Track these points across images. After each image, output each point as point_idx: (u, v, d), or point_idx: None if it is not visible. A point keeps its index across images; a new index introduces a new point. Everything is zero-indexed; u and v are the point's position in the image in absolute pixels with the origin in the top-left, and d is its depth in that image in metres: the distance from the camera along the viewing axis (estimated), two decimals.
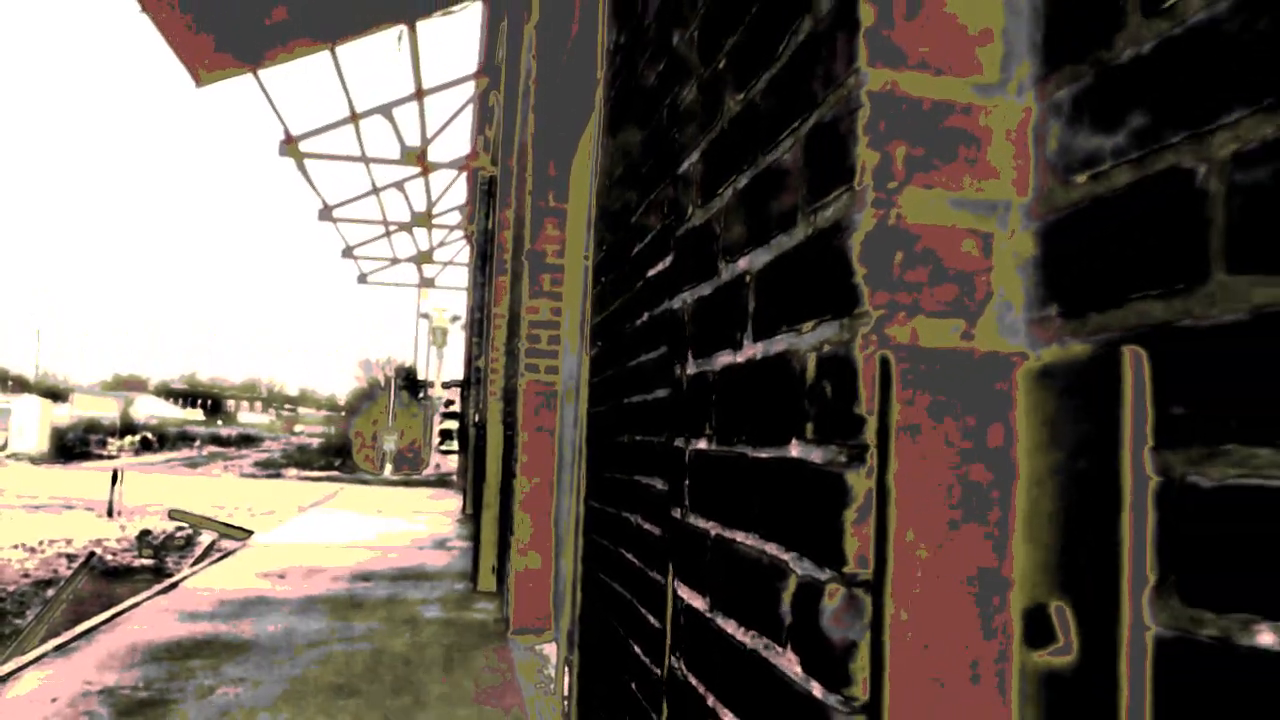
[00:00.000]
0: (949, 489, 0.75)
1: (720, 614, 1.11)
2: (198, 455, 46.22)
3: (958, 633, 0.74)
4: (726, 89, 1.20)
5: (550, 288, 6.67)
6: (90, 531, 16.83)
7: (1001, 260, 0.80)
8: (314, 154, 13.08)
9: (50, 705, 4.57)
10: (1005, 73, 0.81)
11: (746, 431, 1.04)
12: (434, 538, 12.16)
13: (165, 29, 9.25)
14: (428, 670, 5.47)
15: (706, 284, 1.24)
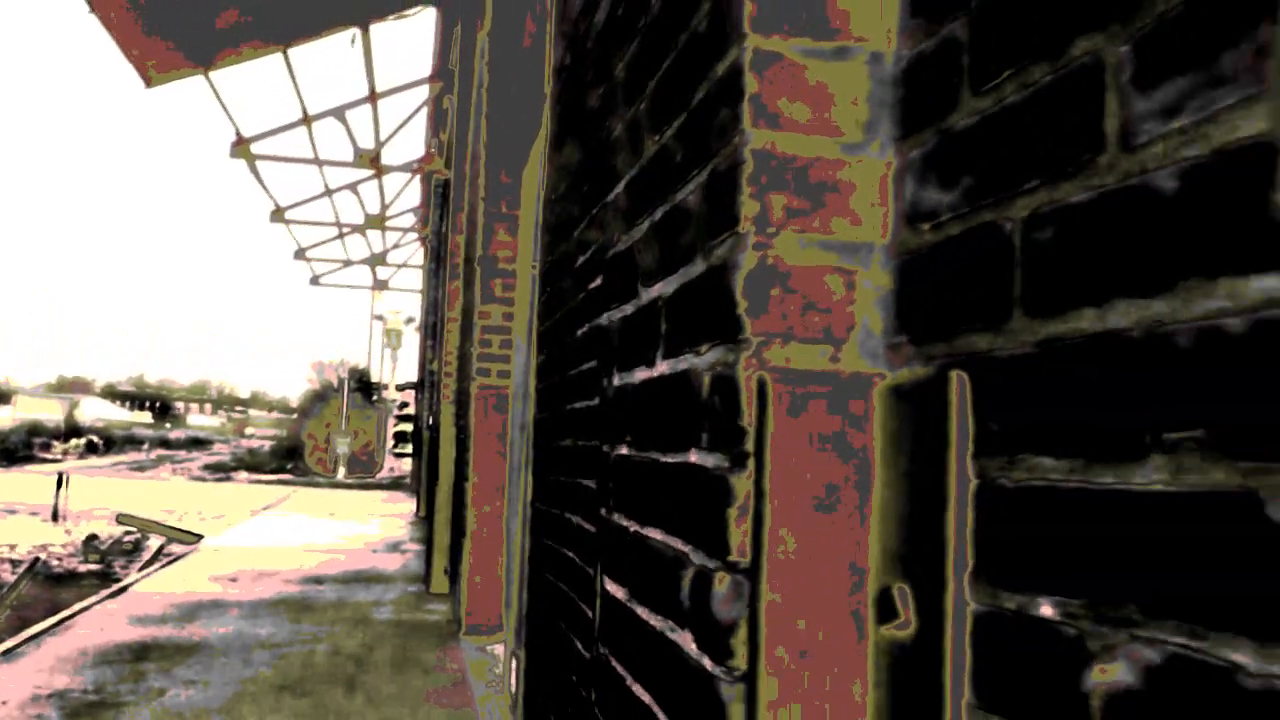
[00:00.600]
0: (815, 490, 0.88)
1: (636, 602, 1.24)
2: (145, 458, 45.47)
3: (821, 612, 0.88)
4: (646, 130, 1.33)
5: (502, 293, 6.77)
6: (34, 536, 16.54)
7: (864, 295, 0.93)
8: (266, 155, 13.04)
9: (0, 709, 4.59)
10: (869, 134, 0.95)
11: (658, 439, 1.17)
12: (387, 541, 12.18)
13: (114, 29, 9.20)
14: (380, 671, 5.55)
15: (629, 304, 1.37)
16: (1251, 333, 0.53)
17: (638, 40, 1.42)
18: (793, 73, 0.93)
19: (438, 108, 14.86)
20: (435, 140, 16.82)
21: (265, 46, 11.15)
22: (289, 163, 13.31)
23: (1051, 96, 0.73)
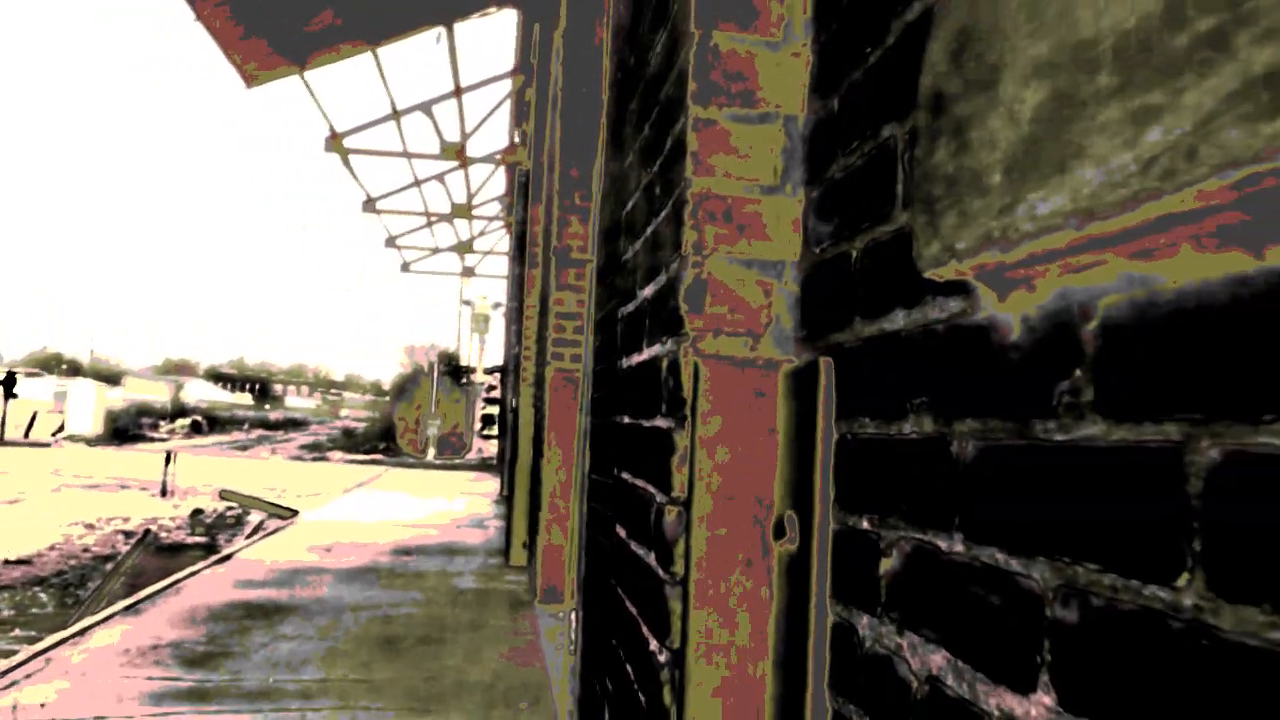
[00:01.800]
0: (735, 444, 1.20)
1: (631, 539, 1.58)
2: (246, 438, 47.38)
3: (738, 534, 1.20)
4: (643, 164, 1.66)
5: (574, 281, 7.14)
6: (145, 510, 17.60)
7: (778, 300, 1.25)
8: (357, 150, 13.68)
9: (124, 655, 5.16)
10: (784, 180, 1.26)
11: (641, 409, 1.50)
12: (472, 517, 12.74)
13: (219, 36, 9.83)
14: (461, 632, 6.00)
15: (631, 303, 1.71)
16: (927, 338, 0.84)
17: (642, 87, 1.75)
18: (724, 134, 1.25)
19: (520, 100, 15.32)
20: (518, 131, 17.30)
21: (356, 45, 11.73)
22: (379, 156, 13.91)
23: (873, 164, 1.04)
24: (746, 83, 1.25)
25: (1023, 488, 0.73)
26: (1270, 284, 0.49)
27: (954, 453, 0.83)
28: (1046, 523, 0.70)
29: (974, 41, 0.72)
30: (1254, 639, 0.49)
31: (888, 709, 0.94)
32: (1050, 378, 0.70)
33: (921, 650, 0.87)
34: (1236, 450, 0.51)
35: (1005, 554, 0.75)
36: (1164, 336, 0.58)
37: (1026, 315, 0.72)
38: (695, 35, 1.25)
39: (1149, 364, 0.59)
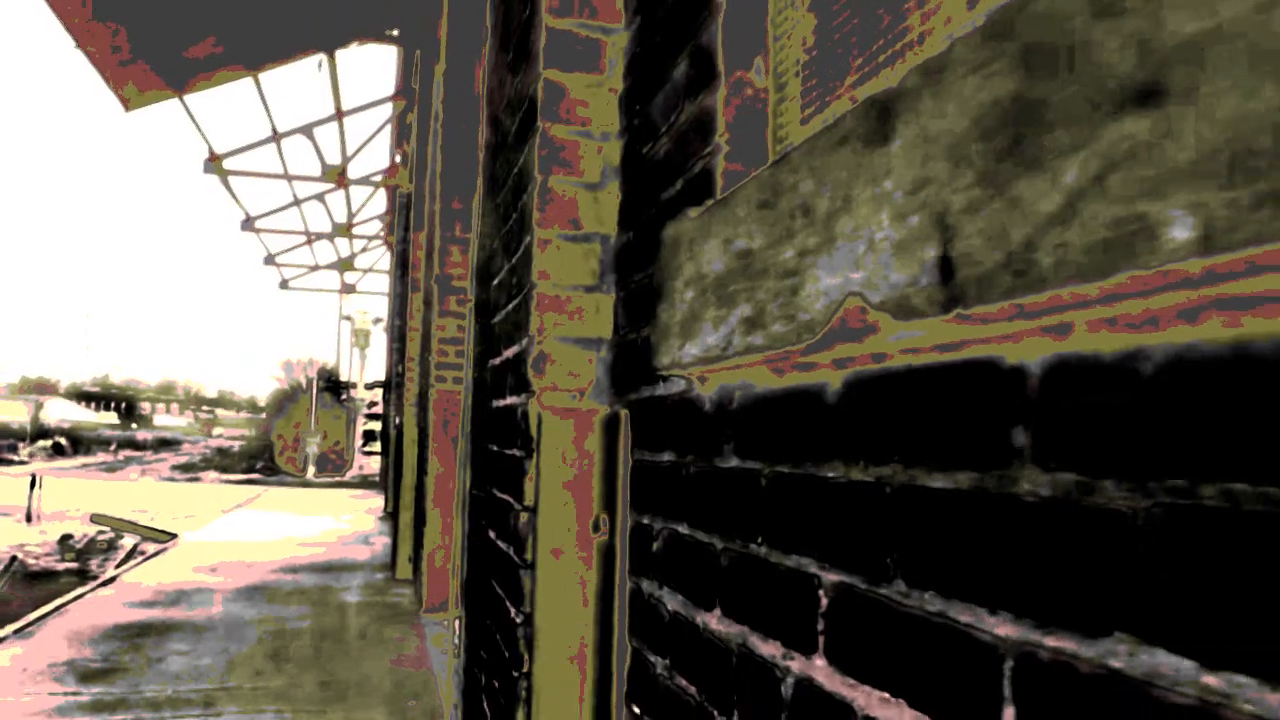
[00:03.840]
0: (567, 468, 1.73)
1: (499, 539, 2.10)
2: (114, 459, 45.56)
3: (570, 530, 1.73)
4: (505, 251, 2.19)
5: (456, 308, 7.59)
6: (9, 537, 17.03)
7: (597, 367, 1.79)
8: (237, 171, 13.76)
9: (23, 674, 5.37)
10: (602, 281, 1.81)
11: (503, 441, 2.02)
12: (357, 534, 12.95)
13: (98, 62, 9.91)
14: (352, 643, 6.37)
15: (498, 359, 2.23)
16: (670, 402, 1.39)
17: (506, 193, 2.28)
18: (558, 248, 1.79)
19: (401, 122, 15.61)
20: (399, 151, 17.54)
21: (236, 70, 11.88)
22: (259, 177, 14.02)
23: (644, 288, 1.60)
24: (573, 211, 1.80)
25: (711, 494, 1.28)
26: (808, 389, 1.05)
27: (683, 474, 1.39)
28: (720, 516, 1.25)
29: (670, 256, 1.27)
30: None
31: (655, 636, 1.49)
32: (720, 430, 1.26)
33: (670, 596, 1.42)
34: (788, 474, 1.07)
35: (704, 534, 1.30)
36: (756, 411, 1.14)
37: (708, 395, 1.28)
38: (538, 180, 1.79)
39: (751, 425, 1.15)
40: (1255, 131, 0.40)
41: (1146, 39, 0.45)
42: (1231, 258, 0.41)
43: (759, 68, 1.28)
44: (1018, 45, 0.53)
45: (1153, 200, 0.44)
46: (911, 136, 0.64)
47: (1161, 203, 0.43)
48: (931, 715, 0.76)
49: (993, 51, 0.55)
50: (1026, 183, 0.52)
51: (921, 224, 0.63)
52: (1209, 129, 0.41)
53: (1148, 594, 0.56)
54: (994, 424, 0.68)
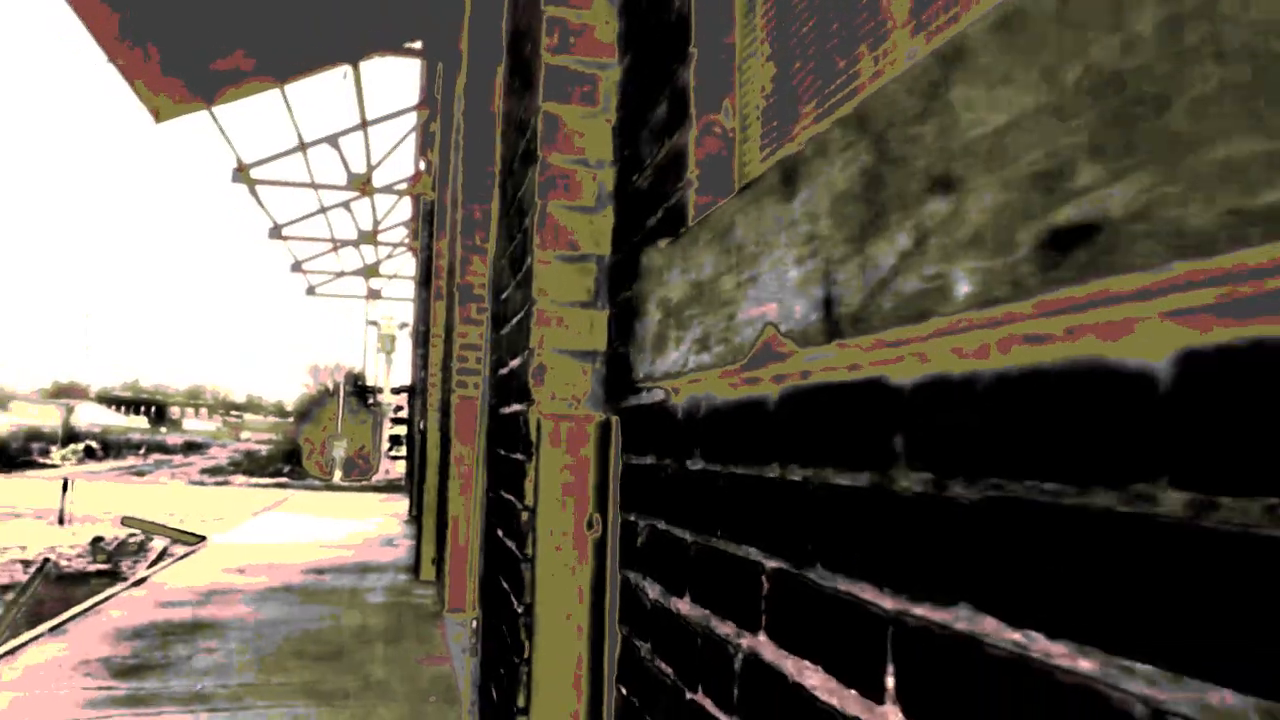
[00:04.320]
0: (563, 470, 1.88)
1: (505, 537, 2.25)
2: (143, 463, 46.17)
3: (566, 527, 1.88)
4: (512, 268, 2.34)
5: (476, 315, 7.77)
6: (43, 539, 17.39)
7: (592, 377, 1.94)
8: (265, 180, 14.04)
9: (58, 670, 5.58)
10: (596, 298, 1.96)
11: (508, 445, 2.17)
12: (382, 536, 13.16)
13: (129, 75, 10.19)
14: (375, 641, 6.55)
15: (505, 369, 2.39)
16: (651, 410, 1.53)
17: (512, 213, 2.44)
18: (556, 268, 1.94)
19: (425, 130, 15.87)
20: (424, 159, 17.79)
21: (264, 82, 12.15)
22: (286, 186, 14.29)
23: (628, 305, 1.75)
24: (570, 235, 1.95)
25: (683, 493, 1.43)
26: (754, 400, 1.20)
27: (662, 475, 1.53)
28: (690, 512, 1.40)
29: (644, 280, 1.42)
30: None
31: (640, 622, 1.63)
32: (690, 436, 1.41)
33: (651, 586, 1.57)
34: (739, 474, 1.22)
35: (678, 529, 1.45)
36: (716, 419, 1.28)
37: (680, 405, 1.43)
38: (538, 204, 1.94)
39: (713, 432, 1.30)
40: (1011, 217, 0.55)
41: (946, 140, 0.59)
42: (993, 312, 0.55)
43: (727, 110, 1.42)
44: (871, 133, 0.67)
45: (948, 264, 0.58)
46: (807, 195, 0.78)
47: (953, 266, 0.57)
48: (838, 676, 0.90)
49: (856, 135, 0.69)
50: (874, 242, 0.66)
51: (814, 268, 0.77)
52: (979, 213, 0.55)
53: (977, 570, 0.70)
54: (880, 432, 0.83)
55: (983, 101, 0.55)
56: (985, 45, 0.55)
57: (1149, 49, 0.43)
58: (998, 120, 0.53)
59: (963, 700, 0.71)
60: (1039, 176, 0.50)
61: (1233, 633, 0.48)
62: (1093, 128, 0.46)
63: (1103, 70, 0.46)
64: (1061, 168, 0.48)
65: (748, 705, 1.11)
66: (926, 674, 0.76)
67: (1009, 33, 0.53)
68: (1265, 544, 0.46)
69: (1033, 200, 0.50)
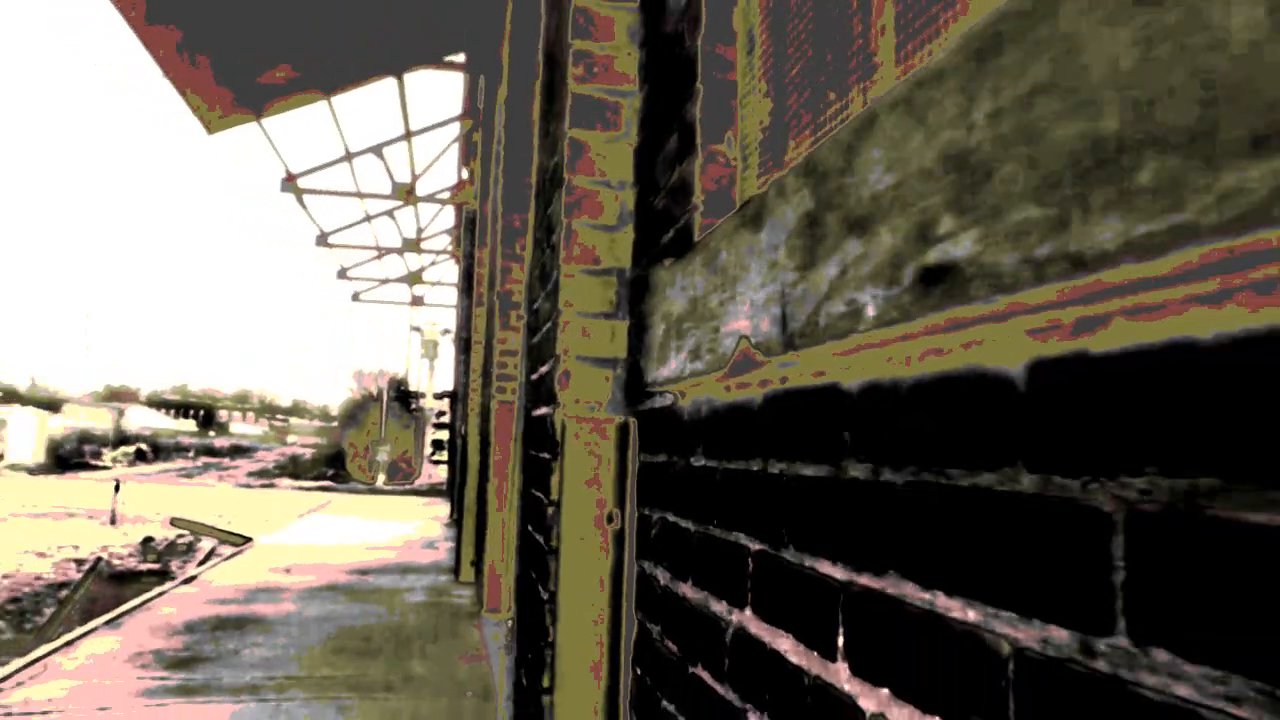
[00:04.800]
0: (585, 469, 2.04)
1: (535, 532, 2.42)
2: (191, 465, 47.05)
3: (587, 521, 2.03)
4: (542, 280, 2.51)
5: (515, 322, 7.97)
6: (95, 539, 17.86)
7: (612, 383, 2.09)
8: (312, 190, 14.40)
9: (114, 661, 5.84)
10: (617, 309, 2.11)
11: (536, 446, 2.34)
12: (424, 539, 13.42)
13: (182, 87, 10.55)
14: (415, 639, 6.75)
15: (536, 374, 2.55)
16: (662, 412, 1.69)
17: (541, 230, 2.60)
18: (581, 281, 2.10)
19: (468, 140, 16.16)
20: (466, 168, 18.08)
21: (311, 94, 12.49)
22: (333, 195, 14.64)
23: (641, 316, 1.90)
24: (593, 251, 2.11)
25: (688, 487, 1.57)
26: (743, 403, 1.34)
27: (671, 472, 1.69)
28: (693, 504, 1.55)
29: (653, 295, 1.57)
30: None
31: (652, 607, 1.78)
32: (693, 435, 1.55)
33: (661, 573, 1.72)
34: (730, 469, 1.36)
35: (684, 520, 1.60)
36: (714, 420, 1.43)
37: (685, 407, 1.58)
38: (564, 223, 2.10)
39: (712, 431, 1.45)
40: (899, 256, 0.69)
41: (858, 191, 0.73)
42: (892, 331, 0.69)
43: (729, 140, 1.57)
44: (812, 182, 0.82)
45: (861, 291, 0.72)
46: (769, 229, 0.93)
47: (864, 292, 0.72)
48: (802, 640, 1.04)
49: (803, 183, 0.84)
50: (814, 271, 0.81)
51: (774, 291, 0.92)
52: (880, 252, 0.70)
53: (902, 544, 0.84)
54: (835, 428, 0.97)
55: (883, 163, 0.69)
56: (886, 119, 0.69)
57: (980, 134, 0.57)
58: (892, 179, 0.67)
59: (890, 652, 0.86)
60: (917, 225, 0.64)
61: (1059, 582, 0.62)
62: (949, 191, 0.60)
63: (954, 146, 0.60)
64: (930, 220, 0.62)
65: (735, 673, 1.26)
66: (865, 632, 0.91)
67: (899, 111, 0.67)
68: (1087, 513, 0.61)
69: (912, 244, 0.65)
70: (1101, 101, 0.47)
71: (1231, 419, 0.49)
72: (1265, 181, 0.41)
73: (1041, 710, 0.64)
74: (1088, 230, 0.47)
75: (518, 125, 7.99)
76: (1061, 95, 0.49)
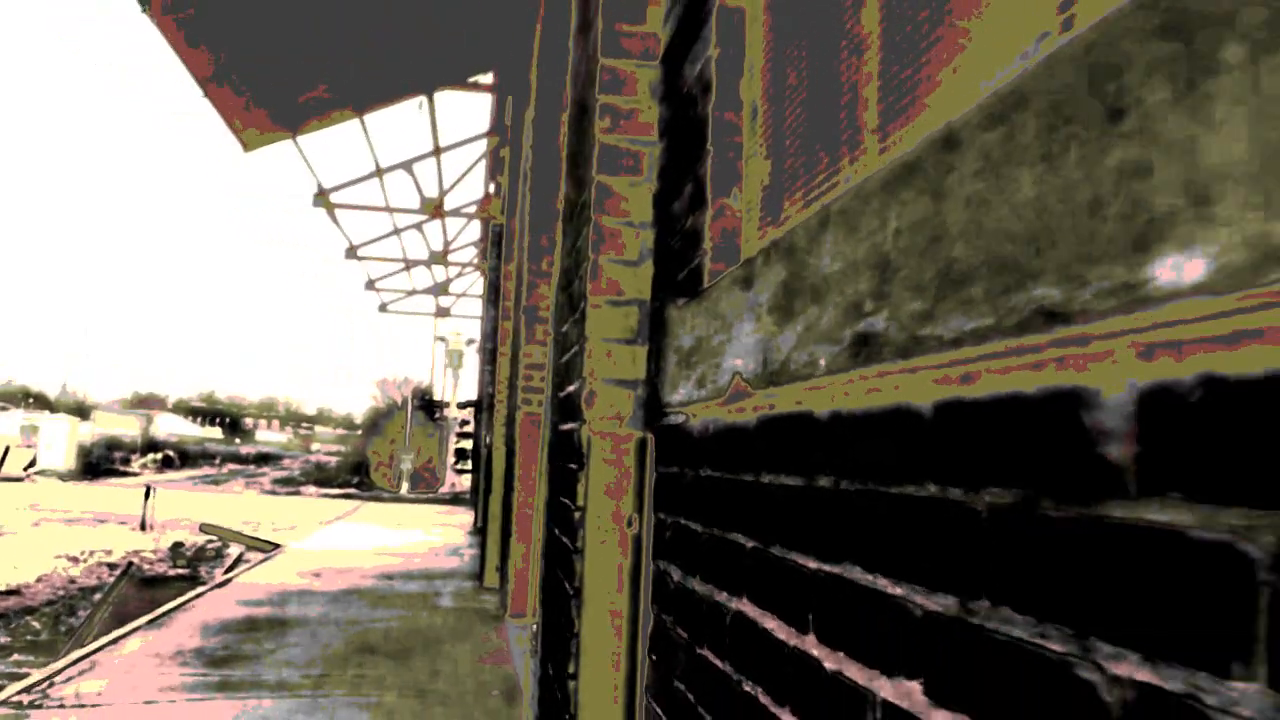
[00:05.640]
0: (608, 478, 2.29)
1: (561, 535, 2.67)
2: (218, 472, 47.63)
3: (609, 524, 2.28)
4: (570, 306, 2.77)
5: (541, 337, 8.24)
6: (126, 543, 18.25)
7: (633, 402, 2.34)
8: (343, 204, 14.77)
9: (156, 658, 6.14)
10: (638, 336, 2.36)
11: (564, 457, 2.59)
12: (448, 546, 13.70)
13: (222, 108, 10.93)
14: (441, 641, 7.02)
15: (563, 391, 2.81)
16: (675, 429, 1.94)
17: (568, 262, 2.87)
18: (606, 312, 2.36)
19: (495, 156, 16.50)
20: (493, 183, 18.42)
21: (344, 113, 12.86)
22: (363, 210, 15.00)
23: (657, 346, 2.15)
24: (617, 284, 2.37)
25: (697, 495, 1.82)
26: (742, 424, 1.59)
27: (682, 482, 1.93)
28: (701, 510, 1.79)
29: (667, 330, 1.82)
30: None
31: (666, 601, 2.03)
32: (701, 450, 1.80)
33: (675, 571, 1.97)
34: (731, 479, 1.61)
35: (693, 523, 1.84)
36: (719, 437, 1.68)
37: (695, 426, 1.83)
38: (590, 258, 2.36)
39: (717, 447, 1.69)
40: (840, 323, 0.94)
41: (817, 270, 0.98)
42: (838, 378, 0.94)
43: (735, 195, 1.82)
44: (786, 256, 1.06)
45: (816, 347, 0.97)
46: (756, 289, 1.18)
47: (818, 348, 0.96)
48: (784, 619, 1.29)
49: (780, 256, 1.09)
50: (788, 327, 1.06)
51: (759, 339, 1.17)
52: (828, 319, 0.94)
53: (855, 538, 1.09)
54: (809, 448, 1.22)
55: (833, 253, 0.94)
56: (836, 219, 0.94)
57: (889, 244, 0.82)
58: (838, 266, 0.92)
59: (845, 623, 1.10)
60: (852, 303, 0.89)
61: (951, 561, 0.87)
62: (871, 282, 0.85)
63: (874, 251, 0.85)
64: (860, 301, 0.87)
65: (733, 650, 1.50)
66: (828, 609, 1.15)
67: (844, 215, 0.92)
68: (977, 516, 0.85)
69: (849, 316, 0.89)
70: (954, 238, 0.71)
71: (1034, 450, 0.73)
72: (1037, 301, 0.66)
73: (935, 651, 0.89)
74: (945, 321, 0.71)
75: (545, 147, 8.27)
76: (933, 228, 0.74)
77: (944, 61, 1.08)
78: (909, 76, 1.35)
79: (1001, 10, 0.90)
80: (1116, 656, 0.66)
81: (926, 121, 1.15)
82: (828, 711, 1.13)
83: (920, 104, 1.32)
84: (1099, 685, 0.68)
